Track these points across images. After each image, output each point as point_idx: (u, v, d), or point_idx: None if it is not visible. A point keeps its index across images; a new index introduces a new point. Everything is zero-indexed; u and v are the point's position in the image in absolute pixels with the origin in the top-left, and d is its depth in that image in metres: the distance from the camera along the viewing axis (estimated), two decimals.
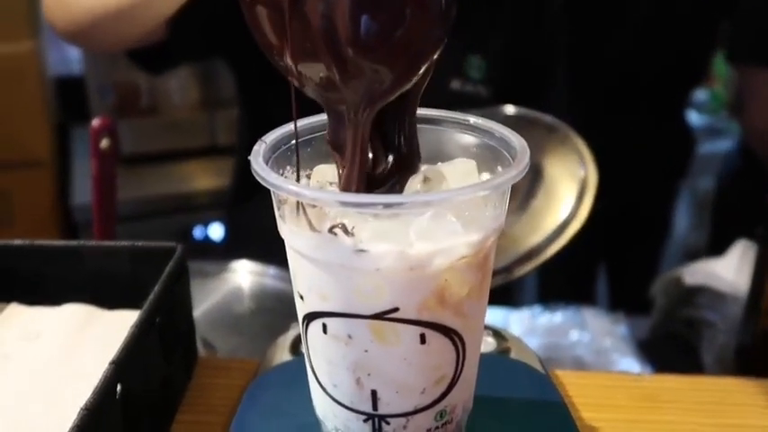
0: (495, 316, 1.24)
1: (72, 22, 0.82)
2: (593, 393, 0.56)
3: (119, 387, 0.43)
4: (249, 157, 0.37)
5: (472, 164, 0.40)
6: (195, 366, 0.59)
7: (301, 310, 0.39)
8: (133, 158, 1.83)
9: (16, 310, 0.55)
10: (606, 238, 1.67)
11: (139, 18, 0.78)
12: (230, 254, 0.93)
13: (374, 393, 0.39)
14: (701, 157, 1.84)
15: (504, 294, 1.29)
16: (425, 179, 0.38)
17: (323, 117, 0.42)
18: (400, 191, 0.38)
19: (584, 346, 1.16)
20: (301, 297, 0.39)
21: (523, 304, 1.31)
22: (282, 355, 0.55)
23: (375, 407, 0.39)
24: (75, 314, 0.54)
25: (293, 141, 0.40)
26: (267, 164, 0.39)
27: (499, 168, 0.40)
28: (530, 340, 1.18)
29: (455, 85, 1.04)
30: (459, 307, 0.37)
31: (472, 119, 0.42)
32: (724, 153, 1.90)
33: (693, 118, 2.19)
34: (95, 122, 0.80)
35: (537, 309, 1.26)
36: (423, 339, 0.37)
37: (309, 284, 0.38)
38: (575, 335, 1.20)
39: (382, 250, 0.34)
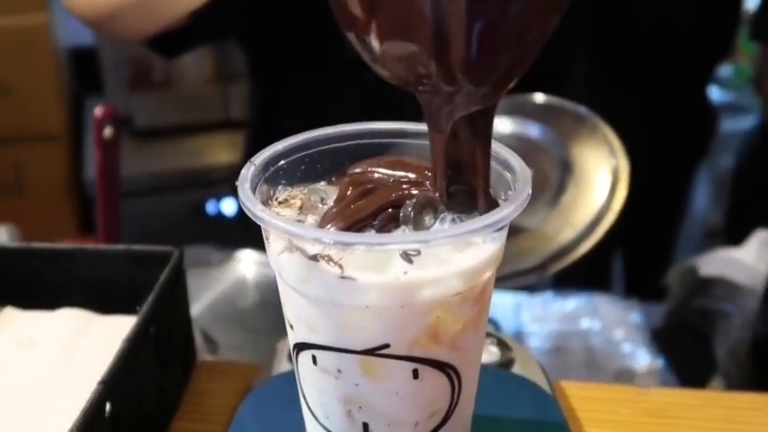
0: (506, 302, 1.22)
1: (94, 12, 0.81)
2: (597, 407, 0.55)
3: (108, 406, 0.42)
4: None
5: None
6: (193, 370, 0.58)
7: (291, 338, 0.38)
8: (146, 132, 1.82)
9: (10, 315, 0.54)
10: (623, 220, 1.64)
11: (166, 11, 0.76)
12: (243, 231, 0.91)
13: (366, 426, 0.37)
14: (723, 134, 1.79)
15: None
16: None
17: (315, 133, 0.40)
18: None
19: (595, 335, 1.14)
20: (291, 326, 0.37)
21: (537, 289, 1.29)
22: (281, 363, 0.54)
23: None
24: (70, 320, 0.54)
25: (283, 161, 0.38)
26: (257, 185, 0.37)
27: (501, 196, 0.38)
28: (541, 327, 1.17)
29: None
30: (454, 342, 0.35)
31: None
32: (745, 131, 1.85)
33: (716, 94, 2.14)
34: (98, 111, 0.78)
35: (549, 295, 1.25)
36: (415, 375, 0.35)
37: (298, 314, 0.36)
38: (586, 322, 1.18)
39: (370, 281, 0.33)
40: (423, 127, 0.41)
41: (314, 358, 0.36)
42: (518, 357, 0.55)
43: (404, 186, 0.36)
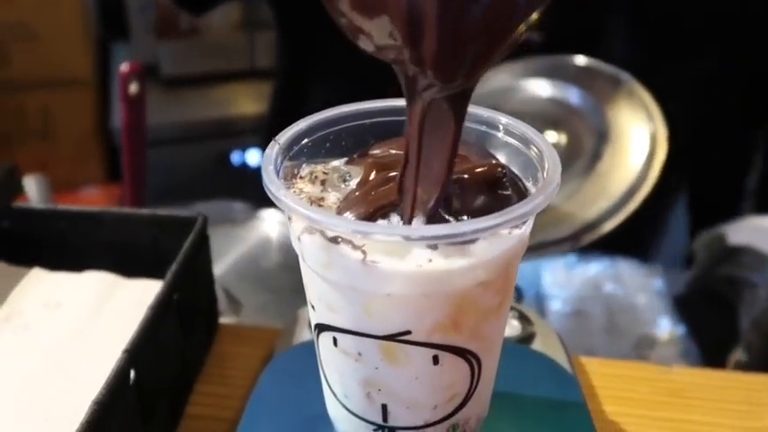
0: (527, 266, 1.22)
1: None
2: (617, 385, 0.55)
3: (132, 374, 0.43)
4: (260, 162, 0.35)
5: None
6: (216, 333, 0.59)
7: (313, 318, 0.38)
8: (172, 80, 1.81)
9: (38, 276, 0.55)
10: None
11: None
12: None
13: (384, 407, 0.38)
14: None
15: None
16: None
17: (338, 110, 0.40)
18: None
19: (617, 301, 1.14)
20: (312, 307, 0.38)
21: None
22: (302, 330, 0.55)
23: (385, 419, 0.38)
24: (96, 283, 0.54)
25: (307, 139, 0.38)
26: (281, 165, 0.37)
27: (529, 183, 0.37)
28: (562, 291, 1.17)
29: None
30: (476, 330, 0.35)
31: (503, 119, 0.39)
32: None
33: None
34: (124, 67, 0.78)
35: (571, 259, 1.24)
36: (435, 361, 0.35)
37: (319, 296, 0.36)
38: (609, 287, 1.18)
39: (392, 268, 0.32)
40: None
41: (335, 340, 0.37)
42: (539, 331, 0.55)
43: None
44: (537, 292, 1.16)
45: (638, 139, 0.85)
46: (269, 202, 0.34)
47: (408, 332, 0.34)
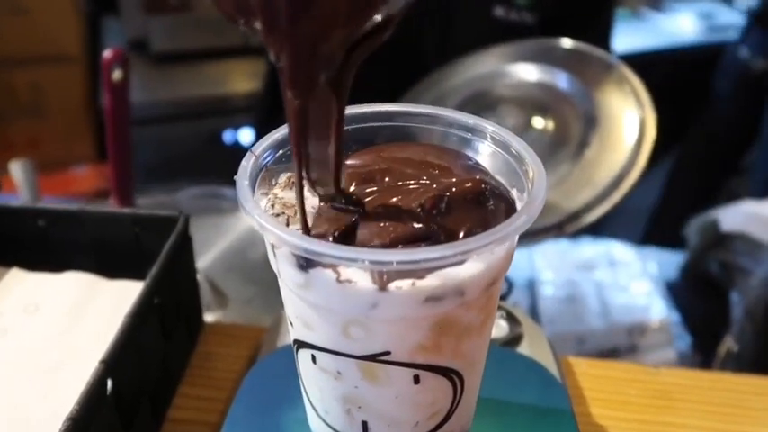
0: (517, 252, 1.21)
1: None
2: (605, 387, 0.54)
3: (109, 384, 0.42)
4: (235, 177, 0.34)
5: None
6: (200, 333, 0.58)
7: (292, 333, 0.37)
8: (162, 57, 1.78)
9: (17, 277, 0.54)
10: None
11: None
12: None
13: (365, 423, 0.37)
14: None
15: None
16: None
17: None
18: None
19: (610, 287, 1.13)
20: (291, 323, 0.37)
21: None
22: (287, 330, 0.54)
23: None
24: (76, 284, 0.53)
25: (283, 150, 0.37)
26: (257, 178, 0.36)
27: (514, 191, 0.36)
28: (555, 276, 1.16)
29: (498, 11, 0.97)
30: (458, 349, 0.34)
31: (490, 127, 0.38)
32: None
33: None
34: (107, 54, 0.76)
35: (563, 242, 1.23)
36: (417, 380, 0.35)
37: (297, 314, 0.35)
38: (602, 272, 1.17)
39: (369, 288, 0.31)
40: (423, 108, 0.39)
41: (313, 357, 0.36)
42: (527, 333, 0.55)
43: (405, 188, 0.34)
44: (529, 276, 1.15)
45: (627, 124, 0.83)
46: None
47: (388, 352, 0.33)
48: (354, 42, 0.29)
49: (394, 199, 0.33)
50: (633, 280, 1.14)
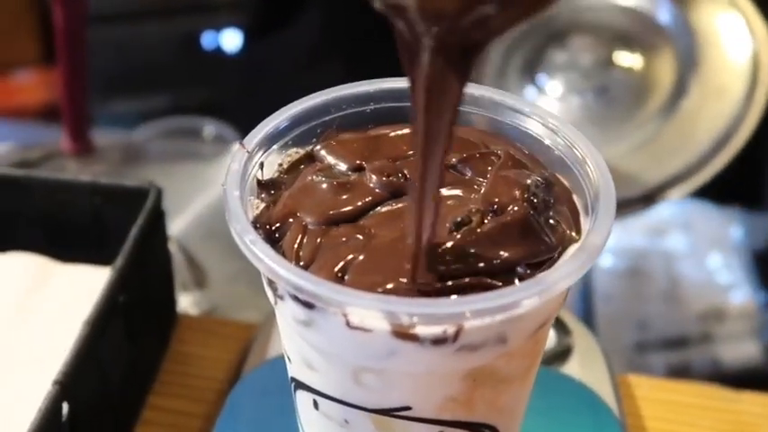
0: None
1: None
2: (669, 415, 0.55)
3: (65, 408, 0.43)
4: (222, 184, 0.34)
5: None
6: (174, 329, 0.59)
7: (288, 369, 0.38)
8: None
9: None
10: None
11: None
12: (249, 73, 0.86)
13: None
14: None
15: None
16: None
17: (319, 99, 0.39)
18: None
19: (684, 258, 1.13)
20: (288, 358, 0.37)
21: None
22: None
23: None
24: (23, 269, 0.54)
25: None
26: (248, 178, 0.36)
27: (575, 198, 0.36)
28: (617, 242, 1.16)
29: None
30: (495, 403, 0.35)
31: (552, 120, 0.37)
32: None
33: None
34: None
35: None
36: None
37: (296, 349, 0.36)
38: (674, 239, 1.17)
39: (385, 336, 0.31)
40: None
41: (315, 403, 0.36)
42: (578, 344, 0.55)
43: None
44: None
45: (733, 64, 0.80)
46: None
47: (408, 408, 0.34)
48: None
49: None
50: (712, 250, 1.14)
